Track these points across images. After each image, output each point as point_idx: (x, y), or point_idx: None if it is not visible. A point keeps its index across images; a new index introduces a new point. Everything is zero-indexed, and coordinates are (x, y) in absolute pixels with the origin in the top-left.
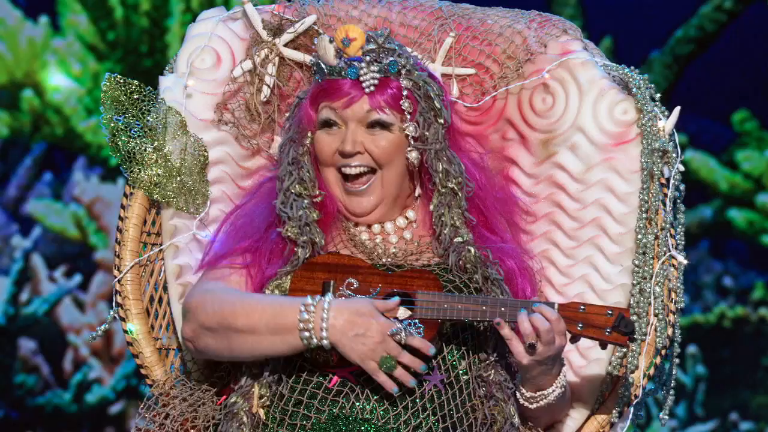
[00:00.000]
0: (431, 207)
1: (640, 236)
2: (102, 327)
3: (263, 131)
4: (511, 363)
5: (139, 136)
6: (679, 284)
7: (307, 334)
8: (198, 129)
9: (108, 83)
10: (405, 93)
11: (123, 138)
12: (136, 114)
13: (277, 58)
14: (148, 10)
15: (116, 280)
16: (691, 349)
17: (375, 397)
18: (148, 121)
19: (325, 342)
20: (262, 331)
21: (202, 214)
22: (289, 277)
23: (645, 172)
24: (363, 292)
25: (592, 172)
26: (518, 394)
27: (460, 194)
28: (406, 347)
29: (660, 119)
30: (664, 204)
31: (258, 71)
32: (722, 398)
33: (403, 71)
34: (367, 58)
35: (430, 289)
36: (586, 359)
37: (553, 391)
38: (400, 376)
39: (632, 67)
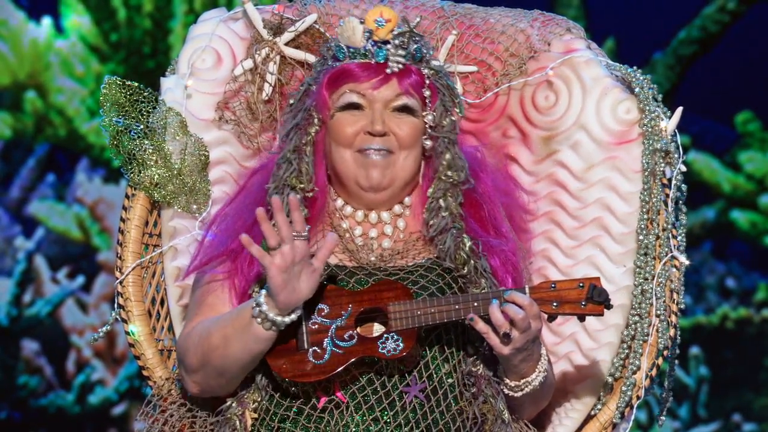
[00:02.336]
0: (429, 192)
1: (641, 237)
2: (103, 329)
3: (265, 130)
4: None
5: (139, 137)
6: (680, 285)
7: (257, 310)
8: (199, 129)
9: (108, 86)
10: (427, 81)
11: (124, 140)
12: (136, 116)
13: (278, 57)
14: (150, 12)
15: (118, 281)
16: (694, 350)
17: (360, 412)
18: (148, 122)
19: (264, 308)
20: (230, 334)
21: (204, 214)
22: None
23: (647, 173)
24: (334, 316)
25: (594, 170)
26: (502, 385)
27: (458, 186)
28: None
29: (662, 120)
30: (666, 205)
31: (259, 70)
32: (725, 399)
33: (425, 59)
34: (396, 41)
35: (401, 299)
36: (588, 359)
37: (537, 377)
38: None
39: (635, 67)
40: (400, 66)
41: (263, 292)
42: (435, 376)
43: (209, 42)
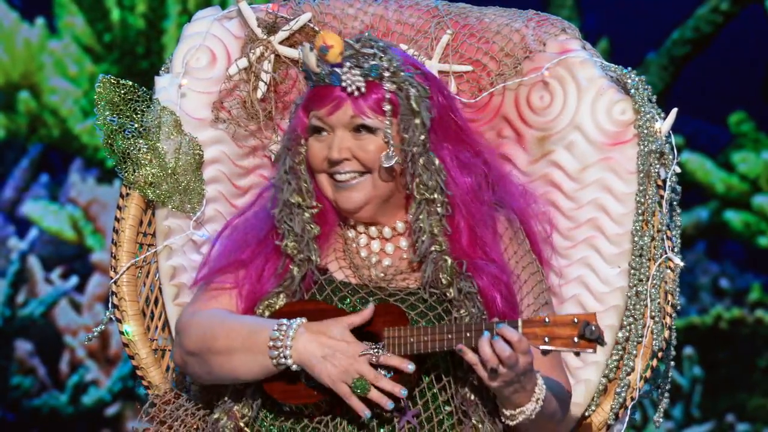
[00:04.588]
0: (409, 213)
1: (636, 238)
2: (98, 328)
3: (260, 129)
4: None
5: (133, 136)
6: (675, 286)
7: (275, 352)
8: (193, 128)
9: (102, 85)
10: (388, 96)
11: (118, 139)
12: (130, 115)
13: (272, 56)
14: (144, 12)
15: (112, 281)
16: (688, 350)
17: (352, 427)
18: (142, 121)
19: (289, 361)
20: (237, 350)
21: (198, 213)
22: (281, 296)
23: (642, 174)
24: None
25: (589, 171)
26: (500, 412)
27: (436, 202)
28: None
29: (657, 121)
30: (661, 206)
31: (254, 68)
32: (719, 400)
33: (386, 74)
34: (348, 63)
35: (397, 324)
36: (583, 361)
37: (531, 406)
38: (376, 399)
39: (630, 68)
40: (359, 87)
41: (291, 335)
42: (431, 404)
43: (203, 41)
